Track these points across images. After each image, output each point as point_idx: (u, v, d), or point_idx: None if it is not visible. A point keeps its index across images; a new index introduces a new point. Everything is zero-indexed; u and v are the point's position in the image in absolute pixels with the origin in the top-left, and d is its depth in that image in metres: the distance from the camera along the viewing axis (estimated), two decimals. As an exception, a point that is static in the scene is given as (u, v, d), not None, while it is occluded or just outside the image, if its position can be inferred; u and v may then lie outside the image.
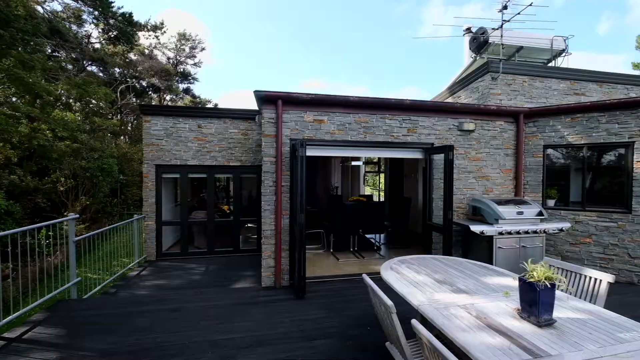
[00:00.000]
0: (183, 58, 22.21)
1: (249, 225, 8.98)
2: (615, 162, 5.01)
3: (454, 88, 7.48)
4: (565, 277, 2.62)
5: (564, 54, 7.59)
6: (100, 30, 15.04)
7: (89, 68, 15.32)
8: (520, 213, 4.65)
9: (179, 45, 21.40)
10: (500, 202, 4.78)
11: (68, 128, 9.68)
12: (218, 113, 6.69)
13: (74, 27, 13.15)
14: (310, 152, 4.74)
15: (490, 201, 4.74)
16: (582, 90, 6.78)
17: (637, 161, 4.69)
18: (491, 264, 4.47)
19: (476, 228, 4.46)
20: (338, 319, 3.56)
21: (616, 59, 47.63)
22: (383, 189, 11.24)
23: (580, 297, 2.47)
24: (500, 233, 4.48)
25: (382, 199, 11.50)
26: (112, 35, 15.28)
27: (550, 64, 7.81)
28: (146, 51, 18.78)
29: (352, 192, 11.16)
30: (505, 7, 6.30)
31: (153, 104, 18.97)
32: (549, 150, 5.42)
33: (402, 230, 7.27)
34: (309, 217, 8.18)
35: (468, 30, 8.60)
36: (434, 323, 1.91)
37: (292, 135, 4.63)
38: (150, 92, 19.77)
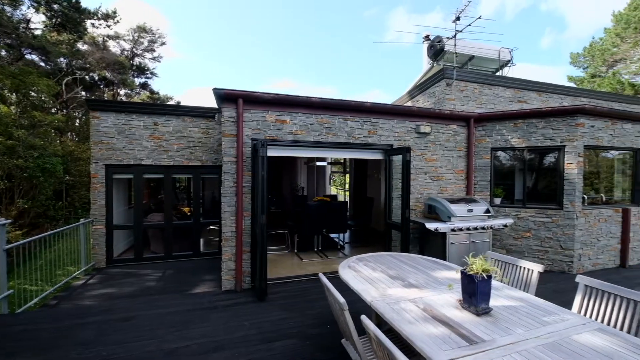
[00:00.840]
0: (140, 51, 20.84)
1: (211, 227, 8.68)
2: (550, 163, 5.58)
3: (413, 92, 7.84)
4: (504, 269, 2.87)
5: (509, 65, 8.29)
6: (43, 14, 13.61)
7: (28, 56, 13.79)
8: (470, 211, 5.00)
9: (136, 38, 20.05)
10: (452, 201, 5.10)
11: (1, 123, 8.64)
12: (176, 110, 6.37)
13: (8, 10, 11.76)
14: (272, 152, 4.70)
15: (443, 200, 5.03)
16: (524, 98, 7.46)
17: (568, 163, 5.27)
18: (445, 258, 4.76)
19: (431, 225, 4.72)
20: (299, 319, 3.56)
21: (557, 70, 53.08)
22: (348, 189, 11.46)
23: (515, 286, 2.72)
24: (453, 230, 4.78)
25: (348, 199, 11.72)
26: (57, 22, 13.90)
27: (498, 73, 8.49)
28: (99, 40, 17.36)
29: (318, 192, 11.24)
30: (458, 18, 6.75)
31: (105, 98, 17.58)
32: (496, 153, 5.89)
33: (365, 229, 7.47)
34: (274, 217, 8.12)
35: (427, 37, 9.08)
36: (384, 317, 1.99)
37: (254, 135, 4.56)
38: (102, 86, 18.29)
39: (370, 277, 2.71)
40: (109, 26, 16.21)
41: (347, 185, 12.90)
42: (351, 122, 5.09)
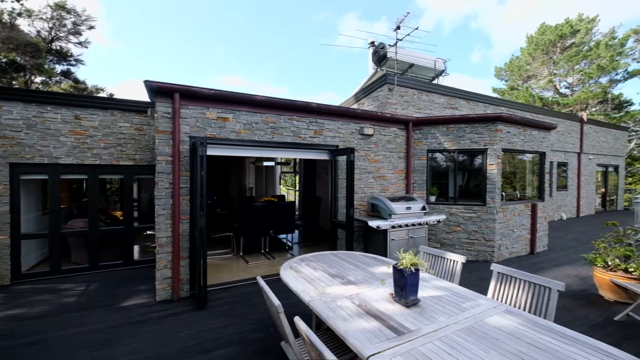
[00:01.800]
0: (63, 34, 18.21)
1: (148, 232, 7.97)
2: (476, 164, 6.23)
3: (359, 95, 8.14)
4: (433, 261, 3.11)
5: (443, 74, 9.08)
6: None
7: None
8: (409, 208, 5.34)
9: (55, 17, 17.45)
10: (393, 200, 5.40)
11: None
12: (103, 103, 5.69)
13: None
14: (214, 151, 4.47)
15: (385, 198, 5.30)
16: (456, 105, 8.23)
17: (490, 164, 5.94)
18: (386, 254, 5.01)
19: (373, 223, 4.93)
20: (241, 325, 3.43)
21: (485, 82, 59.88)
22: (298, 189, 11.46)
23: (443, 277, 2.97)
24: (393, 226, 5.05)
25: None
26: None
27: (434, 82, 9.24)
28: (6, 17, 14.71)
29: (267, 192, 11.04)
30: (398, 28, 7.18)
31: (16, 86, 15.02)
32: (432, 154, 6.39)
33: (314, 228, 7.53)
34: (219, 220, 7.76)
35: (372, 44, 9.49)
36: (321, 316, 2.00)
37: (193, 133, 4.28)
38: (12, 72, 15.55)
39: (311, 276, 2.72)
40: (17, 0, 13.86)
41: (298, 186, 12.90)
42: (297, 122, 5.08)
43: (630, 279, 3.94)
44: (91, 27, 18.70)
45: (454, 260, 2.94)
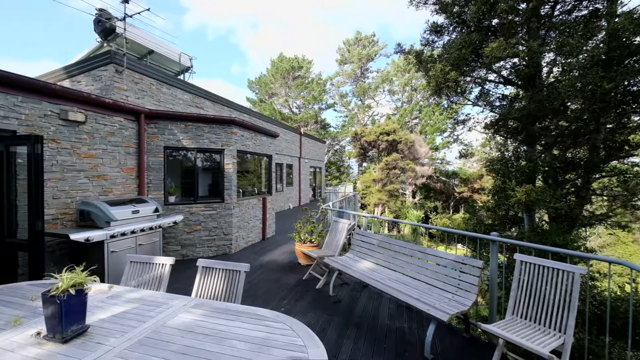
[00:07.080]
0: None
1: None
2: (215, 164, 6.51)
3: (73, 70, 6.19)
4: (142, 269, 2.77)
5: (190, 72, 8.89)
6: None
7: None
8: (137, 212, 4.64)
9: None
10: (115, 203, 4.48)
11: None
12: None
13: None
14: None
15: (101, 203, 4.28)
16: (201, 104, 8.28)
17: (227, 164, 6.39)
18: (103, 273, 4.06)
19: (79, 236, 3.81)
20: None
21: (244, 92, 66.81)
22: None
23: (150, 284, 2.69)
24: (113, 236, 4.17)
25: None
26: None
27: (180, 77, 8.83)
28: None
29: None
30: (127, 1, 6.12)
31: None
32: (170, 151, 5.97)
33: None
34: None
35: (101, 11, 7.57)
36: None
37: None
38: None
39: None
40: None
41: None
42: None
43: (312, 247, 5.55)
44: None
45: (162, 264, 2.74)
